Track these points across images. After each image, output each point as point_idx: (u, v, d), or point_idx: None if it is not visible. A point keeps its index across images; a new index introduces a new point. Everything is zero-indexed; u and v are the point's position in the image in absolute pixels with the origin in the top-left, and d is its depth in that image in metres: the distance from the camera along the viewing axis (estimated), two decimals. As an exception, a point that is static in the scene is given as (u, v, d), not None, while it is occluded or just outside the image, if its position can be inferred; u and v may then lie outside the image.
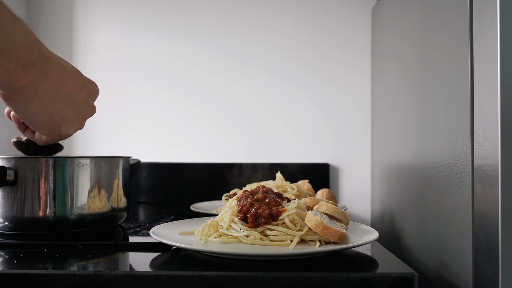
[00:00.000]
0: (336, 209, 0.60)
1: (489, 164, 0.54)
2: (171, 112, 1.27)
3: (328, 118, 1.25)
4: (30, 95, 0.50)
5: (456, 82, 0.63)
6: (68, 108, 0.55)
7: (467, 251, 0.59)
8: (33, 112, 0.52)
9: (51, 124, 0.54)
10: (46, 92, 0.51)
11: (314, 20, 1.25)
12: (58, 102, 0.53)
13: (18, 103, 0.50)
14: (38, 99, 0.51)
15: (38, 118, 0.53)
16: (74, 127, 0.58)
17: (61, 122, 0.55)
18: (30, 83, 0.49)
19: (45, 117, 0.53)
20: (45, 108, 0.52)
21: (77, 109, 0.57)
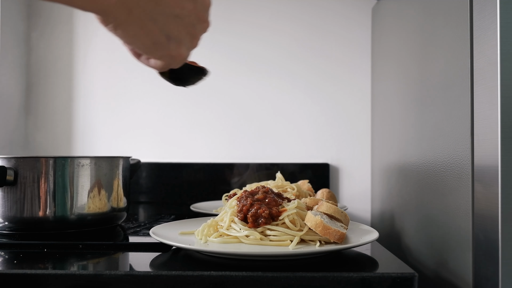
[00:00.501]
0: (336, 209, 0.60)
1: (489, 164, 0.54)
2: (171, 112, 1.27)
3: (328, 118, 1.25)
4: (125, 14, 0.43)
5: (456, 82, 0.63)
6: (173, 25, 0.46)
7: (467, 251, 0.59)
8: (135, 34, 0.44)
9: (158, 46, 0.46)
10: (143, 9, 0.43)
11: (314, 20, 1.25)
12: (159, 18, 0.45)
13: (117, 27, 0.44)
14: (135, 18, 0.43)
15: (141, 41, 0.45)
16: (186, 45, 0.49)
17: (169, 42, 0.47)
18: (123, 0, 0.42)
19: (148, 39, 0.45)
20: (145, 28, 0.44)
21: (185, 25, 0.47)
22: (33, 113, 1.27)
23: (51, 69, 1.27)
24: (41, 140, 1.26)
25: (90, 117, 1.28)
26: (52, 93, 1.27)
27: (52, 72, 1.27)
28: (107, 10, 0.42)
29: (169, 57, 0.48)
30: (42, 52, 1.27)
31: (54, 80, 1.27)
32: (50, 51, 1.27)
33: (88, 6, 0.41)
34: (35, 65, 1.27)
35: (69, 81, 1.28)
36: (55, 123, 1.27)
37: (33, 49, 1.27)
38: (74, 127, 1.27)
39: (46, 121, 1.27)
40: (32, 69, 1.27)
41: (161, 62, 0.49)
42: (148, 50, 0.46)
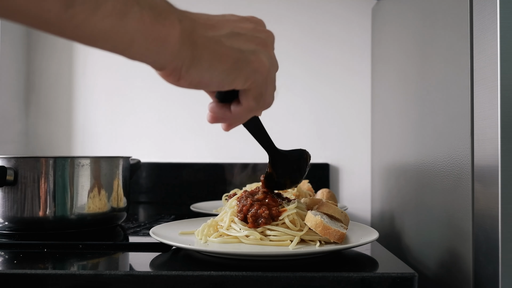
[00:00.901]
0: (336, 209, 0.60)
1: (489, 164, 0.54)
2: (171, 112, 1.27)
3: (328, 119, 1.25)
4: (191, 49, 0.37)
5: (456, 82, 0.63)
6: (240, 41, 0.41)
7: (467, 251, 0.59)
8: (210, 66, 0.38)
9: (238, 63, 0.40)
10: (206, 37, 0.38)
11: (314, 22, 1.25)
12: (224, 40, 0.39)
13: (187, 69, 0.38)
14: (202, 48, 0.38)
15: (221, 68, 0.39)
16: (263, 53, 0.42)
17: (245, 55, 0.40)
18: (182, 35, 0.36)
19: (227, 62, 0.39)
20: (217, 53, 0.38)
21: (251, 38, 0.42)
22: (33, 113, 1.27)
23: (51, 69, 1.27)
24: (41, 140, 1.26)
25: (90, 117, 1.28)
26: (53, 93, 1.27)
27: (53, 72, 1.27)
28: (173, 48, 0.36)
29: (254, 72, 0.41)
30: (42, 52, 1.27)
31: (54, 80, 1.27)
32: (50, 51, 1.27)
33: (141, 52, 0.35)
34: (35, 65, 1.27)
35: (70, 81, 1.28)
36: (55, 123, 1.27)
37: (33, 49, 1.27)
38: (74, 127, 1.27)
39: (46, 121, 1.27)
40: (32, 69, 1.27)
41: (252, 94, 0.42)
42: (231, 73, 0.40)
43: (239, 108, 0.44)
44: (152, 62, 0.37)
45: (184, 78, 0.39)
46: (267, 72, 0.43)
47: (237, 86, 0.41)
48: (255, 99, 0.43)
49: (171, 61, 0.37)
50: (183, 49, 0.37)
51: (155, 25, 0.35)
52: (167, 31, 0.35)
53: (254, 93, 0.43)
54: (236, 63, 0.40)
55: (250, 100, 0.43)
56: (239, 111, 0.44)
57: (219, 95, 0.45)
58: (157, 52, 0.36)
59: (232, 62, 0.39)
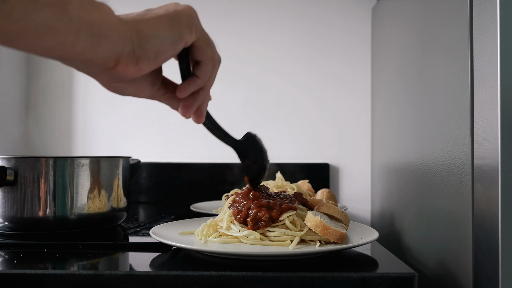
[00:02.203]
0: (336, 209, 0.60)
1: (489, 164, 0.54)
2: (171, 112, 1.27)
3: (328, 118, 1.25)
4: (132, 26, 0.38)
5: (456, 82, 0.63)
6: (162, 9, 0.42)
7: (467, 251, 0.59)
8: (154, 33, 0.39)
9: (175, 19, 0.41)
10: (136, 15, 0.40)
11: (314, 22, 1.25)
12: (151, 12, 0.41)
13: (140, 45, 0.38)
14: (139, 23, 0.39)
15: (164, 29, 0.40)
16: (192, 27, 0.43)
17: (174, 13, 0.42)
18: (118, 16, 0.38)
19: (163, 23, 0.40)
20: (152, 21, 0.40)
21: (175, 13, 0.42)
22: (33, 113, 1.27)
23: (51, 68, 1.27)
24: (41, 140, 1.26)
25: (90, 117, 1.28)
26: (52, 93, 1.27)
27: (52, 71, 1.27)
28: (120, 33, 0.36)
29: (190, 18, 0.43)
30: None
31: (54, 80, 1.27)
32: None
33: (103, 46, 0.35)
34: (35, 64, 1.27)
35: (69, 81, 1.28)
36: (55, 123, 1.27)
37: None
38: (74, 127, 1.27)
39: (46, 121, 1.27)
40: (32, 68, 1.27)
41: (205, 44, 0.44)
42: (174, 27, 0.41)
43: (203, 66, 0.46)
44: (103, 55, 0.36)
45: (142, 57, 0.38)
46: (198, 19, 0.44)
47: (187, 37, 0.42)
48: (209, 45, 0.45)
49: (122, 45, 0.37)
50: (127, 29, 0.37)
51: (96, 12, 0.35)
52: (108, 15, 0.36)
53: (205, 40, 0.45)
54: (172, 19, 0.41)
55: (206, 48, 0.44)
56: (204, 68, 0.46)
57: (183, 68, 0.46)
58: (106, 38, 0.35)
59: (168, 20, 0.41)
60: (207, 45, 0.45)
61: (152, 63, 0.40)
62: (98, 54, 0.35)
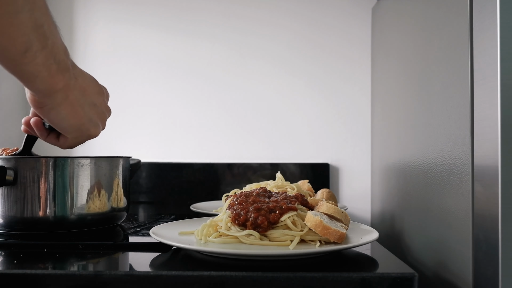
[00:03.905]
0: (336, 209, 0.60)
1: (489, 164, 0.54)
2: (171, 112, 1.27)
3: (328, 118, 1.25)
4: (62, 99, 0.53)
5: (456, 82, 0.63)
6: (93, 111, 0.58)
7: (467, 251, 0.59)
8: (65, 117, 0.55)
9: (81, 127, 0.57)
10: (76, 97, 0.54)
11: (313, 22, 1.25)
12: (85, 106, 0.56)
13: (51, 109, 0.53)
14: (69, 103, 0.54)
15: (70, 123, 0.56)
16: (100, 128, 0.62)
17: (90, 124, 0.59)
18: (64, 87, 0.52)
19: (76, 121, 0.56)
20: (76, 113, 0.55)
21: (99, 112, 0.61)
22: (33, 113, 1.27)
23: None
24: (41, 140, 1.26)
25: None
26: (52, 93, 1.27)
27: (52, 72, 1.27)
28: (52, 94, 0.51)
29: (87, 137, 0.60)
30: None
31: (54, 80, 1.27)
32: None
33: (38, 84, 0.49)
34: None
35: (69, 81, 1.28)
36: (55, 123, 1.27)
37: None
38: (74, 127, 1.27)
39: (46, 121, 1.27)
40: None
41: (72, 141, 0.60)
42: (73, 130, 0.57)
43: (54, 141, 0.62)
44: (35, 89, 0.51)
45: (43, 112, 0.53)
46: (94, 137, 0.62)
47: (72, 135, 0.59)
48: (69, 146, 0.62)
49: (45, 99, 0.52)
50: (58, 97, 0.52)
51: (55, 76, 0.50)
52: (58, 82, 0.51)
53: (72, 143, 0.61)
54: (81, 126, 0.57)
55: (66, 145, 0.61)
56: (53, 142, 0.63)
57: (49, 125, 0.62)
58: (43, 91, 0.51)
59: (79, 124, 0.57)
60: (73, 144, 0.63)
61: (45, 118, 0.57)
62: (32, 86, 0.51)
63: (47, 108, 0.53)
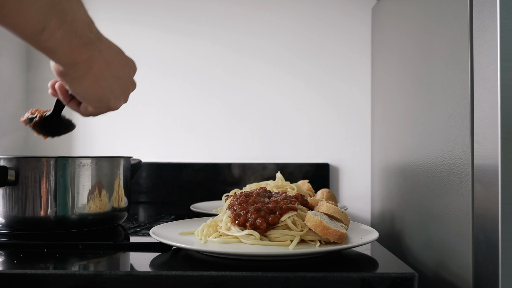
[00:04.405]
0: (336, 209, 0.60)
1: (489, 164, 0.54)
2: (171, 112, 1.27)
3: (328, 118, 1.25)
4: (86, 71, 0.53)
5: (456, 82, 0.63)
6: (116, 84, 0.58)
7: (467, 251, 0.59)
8: (87, 88, 0.55)
9: (102, 99, 0.57)
10: (99, 69, 0.54)
11: (313, 23, 1.25)
12: (108, 78, 0.56)
13: (73, 79, 0.53)
14: (92, 75, 0.54)
15: (91, 93, 0.56)
16: (121, 101, 0.61)
17: (111, 97, 0.58)
18: (87, 59, 0.52)
19: (97, 92, 0.56)
20: (98, 84, 0.55)
21: (123, 85, 0.60)
22: (34, 113, 1.27)
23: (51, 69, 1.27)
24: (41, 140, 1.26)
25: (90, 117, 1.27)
26: (53, 93, 1.27)
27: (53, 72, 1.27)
28: (75, 65, 0.51)
29: (106, 108, 0.60)
30: (43, 52, 1.27)
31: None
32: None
33: (60, 56, 0.50)
34: (35, 64, 1.27)
35: (70, 81, 1.28)
36: (55, 123, 1.27)
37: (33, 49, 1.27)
38: (75, 127, 1.27)
39: (47, 121, 1.27)
40: (32, 68, 1.27)
41: (93, 110, 0.60)
42: (94, 100, 0.57)
43: (76, 107, 0.61)
44: (57, 61, 0.51)
45: (66, 80, 0.54)
46: (114, 110, 0.61)
47: (92, 106, 0.58)
48: (89, 115, 0.61)
49: (70, 69, 0.52)
50: (81, 68, 0.52)
51: (77, 49, 0.50)
52: (81, 54, 0.51)
53: (93, 113, 0.61)
54: (102, 98, 0.57)
55: (86, 113, 0.61)
56: (74, 108, 0.61)
57: None
58: (66, 63, 0.51)
59: (100, 96, 0.56)
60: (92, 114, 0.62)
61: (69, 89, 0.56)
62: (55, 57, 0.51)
63: (69, 77, 0.53)
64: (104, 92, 0.57)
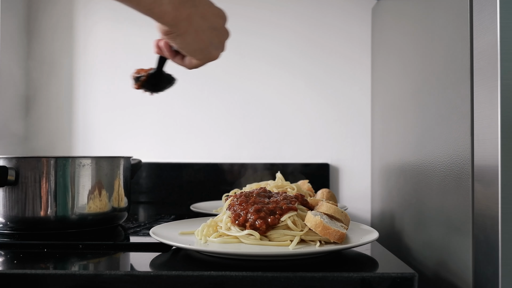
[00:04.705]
0: (336, 209, 0.60)
1: (489, 164, 0.54)
2: (171, 112, 1.27)
3: (328, 118, 1.25)
4: (186, 27, 0.59)
5: (456, 82, 0.63)
6: (213, 35, 0.63)
7: (467, 251, 0.59)
8: (190, 42, 0.61)
9: (204, 50, 0.63)
10: (198, 23, 0.60)
11: (313, 23, 1.25)
12: (206, 31, 0.61)
13: (177, 36, 0.59)
14: (193, 30, 0.59)
15: (194, 47, 0.62)
16: (220, 50, 0.67)
17: (211, 47, 0.64)
18: (187, 16, 0.58)
19: (200, 45, 0.62)
20: (199, 37, 0.61)
21: (219, 35, 0.65)
22: (33, 113, 1.27)
23: (51, 69, 1.27)
24: (41, 140, 1.26)
25: (90, 117, 1.28)
26: (52, 93, 1.27)
27: (52, 72, 1.28)
28: (177, 23, 0.58)
29: (208, 59, 0.65)
30: (43, 52, 1.27)
31: (54, 80, 1.28)
32: (51, 51, 1.28)
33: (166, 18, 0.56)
34: (36, 65, 1.27)
35: (70, 81, 1.28)
36: (55, 123, 1.27)
37: (33, 48, 1.27)
38: (74, 127, 1.27)
39: (46, 121, 1.27)
40: (32, 69, 1.27)
41: (197, 62, 0.65)
42: (197, 53, 0.63)
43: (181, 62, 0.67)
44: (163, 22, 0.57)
45: (171, 38, 0.60)
46: (215, 59, 0.67)
47: (196, 58, 0.64)
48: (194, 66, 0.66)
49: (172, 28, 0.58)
50: (183, 24, 0.58)
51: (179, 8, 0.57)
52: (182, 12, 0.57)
53: (198, 64, 0.66)
54: (205, 49, 0.63)
55: (192, 65, 0.66)
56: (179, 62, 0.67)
57: None
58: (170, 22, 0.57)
59: (203, 47, 0.63)
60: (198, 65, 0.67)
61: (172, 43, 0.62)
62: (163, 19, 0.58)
63: (174, 35, 0.59)
64: (205, 43, 0.62)
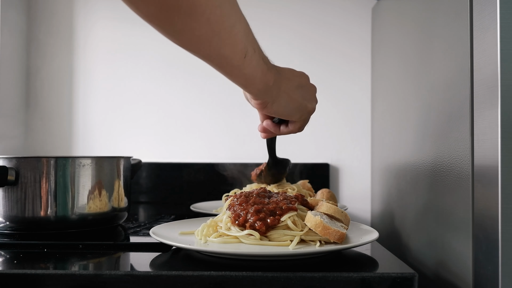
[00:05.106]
0: (336, 209, 0.60)
1: (489, 164, 0.54)
2: (171, 112, 1.27)
3: (328, 118, 1.25)
4: (278, 92, 0.60)
5: (456, 82, 0.63)
6: (303, 91, 0.65)
7: (467, 251, 0.59)
8: (286, 105, 0.63)
9: (300, 107, 0.65)
10: (286, 86, 0.62)
11: (313, 24, 1.25)
12: (295, 90, 0.63)
13: (273, 103, 0.61)
14: (284, 93, 0.61)
15: (291, 107, 0.63)
16: (314, 102, 0.69)
17: (305, 103, 0.65)
18: (275, 82, 0.59)
19: (295, 105, 0.64)
20: (291, 98, 0.63)
21: (308, 90, 0.67)
22: (33, 113, 1.27)
23: (51, 68, 1.28)
24: (41, 140, 1.26)
25: (90, 117, 1.28)
26: (53, 93, 1.28)
27: (52, 72, 1.28)
28: (268, 90, 0.58)
29: (307, 113, 0.67)
30: (42, 52, 1.27)
31: (54, 80, 1.28)
32: (51, 51, 1.28)
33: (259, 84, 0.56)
34: (35, 65, 1.27)
35: (70, 81, 1.28)
36: (55, 123, 1.27)
37: (33, 49, 1.27)
38: (74, 127, 1.27)
39: (46, 121, 1.27)
40: (32, 69, 1.27)
41: (299, 123, 0.68)
42: (295, 112, 0.64)
43: (287, 129, 0.69)
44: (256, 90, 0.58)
45: (268, 108, 0.62)
46: (313, 112, 0.68)
47: (295, 118, 0.66)
48: (300, 128, 0.69)
49: (265, 96, 0.60)
50: (274, 90, 0.60)
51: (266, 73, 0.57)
52: (270, 78, 0.58)
53: (301, 124, 0.68)
54: (300, 106, 0.65)
55: (297, 127, 0.68)
56: (286, 131, 0.70)
57: (278, 120, 0.69)
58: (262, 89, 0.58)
59: (298, 105, 0.64)
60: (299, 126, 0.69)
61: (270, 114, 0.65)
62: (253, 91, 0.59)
63: (270, 104, 0.61)
64: (299, 101, 0.64)
